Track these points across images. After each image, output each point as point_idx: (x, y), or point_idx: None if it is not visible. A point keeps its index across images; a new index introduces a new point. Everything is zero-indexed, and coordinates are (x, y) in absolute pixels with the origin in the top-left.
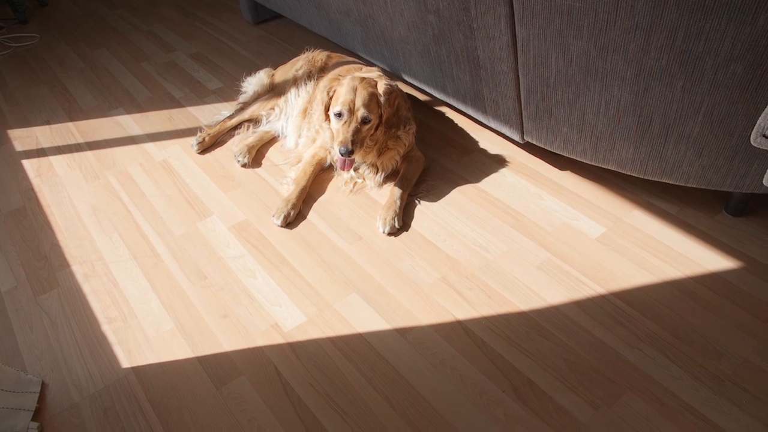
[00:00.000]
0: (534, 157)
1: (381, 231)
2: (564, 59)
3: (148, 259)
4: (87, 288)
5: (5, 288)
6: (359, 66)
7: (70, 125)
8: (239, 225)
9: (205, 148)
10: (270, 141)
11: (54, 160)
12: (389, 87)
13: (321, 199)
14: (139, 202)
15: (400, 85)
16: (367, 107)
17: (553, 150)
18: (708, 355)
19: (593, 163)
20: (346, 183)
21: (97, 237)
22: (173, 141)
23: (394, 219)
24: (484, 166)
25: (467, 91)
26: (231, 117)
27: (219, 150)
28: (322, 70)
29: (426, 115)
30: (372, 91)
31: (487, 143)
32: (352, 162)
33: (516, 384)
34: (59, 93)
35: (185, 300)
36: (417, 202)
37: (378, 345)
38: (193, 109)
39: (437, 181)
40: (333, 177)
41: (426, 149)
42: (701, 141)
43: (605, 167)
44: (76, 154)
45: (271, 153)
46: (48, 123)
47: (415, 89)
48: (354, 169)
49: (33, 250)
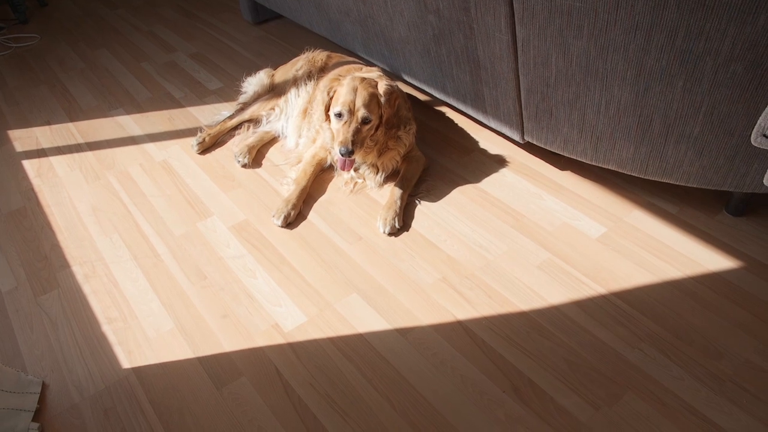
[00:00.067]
0: (534, 157)
1: (381, 231)
2: (564, 59)
3: (148, 260)
4: (87, 288)
5: (5, 288)
6: (359, 66)
7: (70, 125)
8: (239, 225)
9: (206, 148)
10: (270, 141)
11: (54, 160)
12: (389, 87)
13: (321, 200)
14: (140, 202)
15: (400, 85)
16: (368, 107)
17: (554, 150)
18: (709, 355)
19: (593, 163)
20: (346, 183)
21: (98, 237)
22: (173, 141)
23: (394, 219)
24: (484, 166)
25: (467, 91)
26: (231, 117)
27: (219, 150)
28: (322, 70)
29: (426, 115)
30: (372, 92)
31: (488, 143)
32: (352, 162)
33: (517, 384)
34: (59, 93)
35: (185, 300)
36: (417, 202)
37: (378, 345)
38: (193, 110)
39: (437, 181)
40: (333, 177)
41: (426, 149)
42: (702, 141)
43: (605, 167)
44: (76, 154)
45: (272, 153)
46: (48, 123)
47: (415, 89)
48: (354, 170)
49: (33, 250)
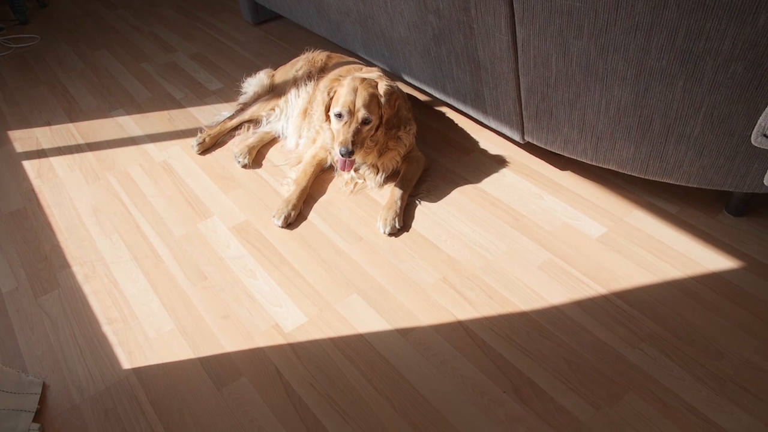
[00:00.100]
0: (534, 158)
1: (382, 231)
2: (564, 59)
3: (148, 260)
4: (87, 289)
5: (6, 289)
6: (359, 66)
7: (70, 126)
8: (240, 226)
9: (206, 148)
10: (270, 142)
11: (54, 161)
12: (390, 88)
13: (321, 200)
14: (140, 202)
15: (400, 86)
16: (368, 108)
17: (554, 150)
18: (709, 355)
19: (594, 163)
20: (346, 183)
21: (98, 238)
22: (173, 142)
23: (394, 219)
24: (484, 166)
25: (467, 92)
26: (231, 118)
27: (219, 151)
28: (322, 70)
29: (426, 116)
30: (372, 92)
31: (488, 143)
32: (352, 162)
33: (517, 384)
34: (59, 94)
35: (186, 301)
36: (417, 202)
37: (379, 345)
38: (194, 110)
39: (438, 182)
40: (333, 177)
41: (426, 149)
42: (702, 141)
43: (606, 167)
44: (76, 155)
45: (272, 154)
46: (48, 124)
47: (416, 89)
48: (354, 170)
49: (34, 251)
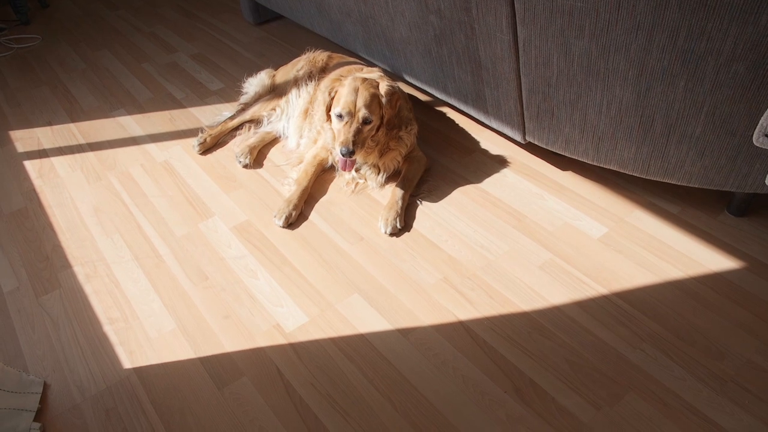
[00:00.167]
0: (535, 158)
1: (383, 231)
2: (565, 59)
3: (149, 260)
4: (89, 289)
5: (7, 289)
6: (360, 66)
7: (71, 126)
8: (241, 226)
9: (207, 148)
10: (271, 142)
11: (55, 161)
12: (391, 88)
13: (323, 200)
14: (141, 202)
15: (401, 86)
16: (369, 108)
17: (555, 150)
18: (710, 356)
19: (595, 164)
20: (347, 183)
21: (99, 238)
22: (175, 142)
23: (395, 219)
24: (485, 166)
25: (469, 92)
26: (232, 118)
27: (220, 151)
28: (323, 70)
29: (427, 116)
30: (373, 92)
31: (489, 143)
32: (353, 162)
33: (518, 384)
34: (61, 94)
35: (187, 301)
36: (418, 202)
37: (380, 345)
38: (195, 110)
39: (439, 182)
40: (334, 178)
41: (427, 150)
42: (703, 141)
43: (607, 167)
44: (77, 155)
45: (273, 154)
46: (49, 124)
47: (417, 90)
48: (356, 170)
49: (35, 251)
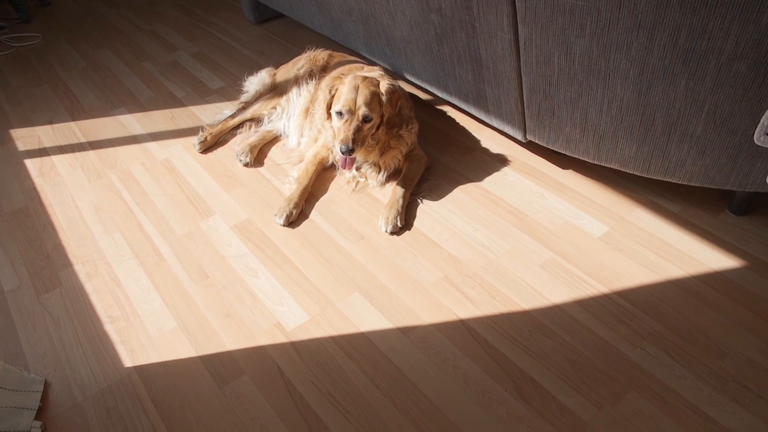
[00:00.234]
0: (536, 156)
1: (383, 230)
2: (566, 58)
3: (150, 259)
4: (89, 287)
5: (8, 287)
6: (361, 65)
7: (72, 125)
8: (241, 224)
9: (207, 147)
10: (272, 140)
11: (56, 159)
12: (391, 86)
13: (323, 199)
14: (142, 201)
15: (402, 85)
16: (369, 106)
17: (556, 149)
18: (711, 354)
19: (596, 162)
20: (348, 182)
21: (100, 236)
22: (175, 140)
23: (396, 218)
24: (486, 165)
25: (469, 90)
26: (233, 116)
27: (221, 149)
28: (323, 69)
29: (428, 114)
30: (374, 90)
31: (490, 142)
32: (353, 160)
33: (519, 383)
34: (61, 92)
35: (188, 299)
36: (419, 201)
37: (380, 344)
38: (195, 109)
39: (439, 180)
40: (335, 176)
41: (428, 148)
42: (704, 139)
43: (608, 166)
44: (78, 153)
45: (273, 152)
46: (50, 123)
47: (418, 88)
48: (356, 168)
49: (35, 249)
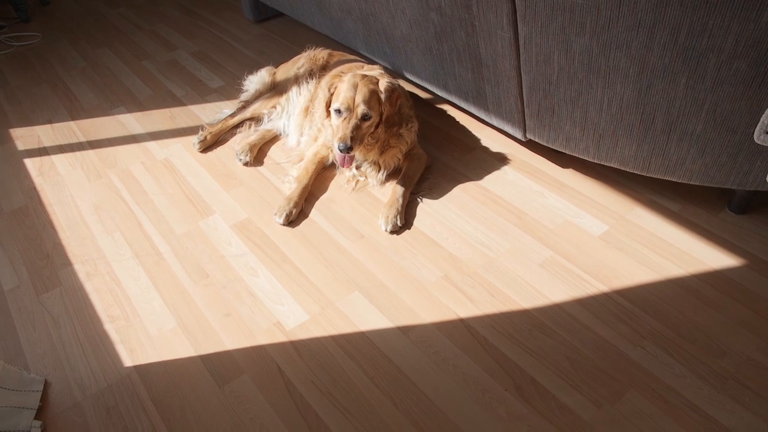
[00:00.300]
0: (536, 155)
1: (383, 229)
2: (566, 57)
3: (150, 258)
4: (89, 287)
5: (8, 287)
6: (361, 64)
7: (71, 124)
8: (241, 223)
9: (207, 146)
10: (272, 139)
11: (56, 159)
12: (391, 85)
13: (323, 198)
14: (141, 200)
15: (401, 83)
16: (368, 104)
17: (556, 148)
18: (711, 353)
19: (596, 161)
20: (348, 181)
21: (99, 236)
22: (175, 139)
23: (396, 217)
24: (486, 164)
25: (469, 89)
26: (233, 115)
27: (221, 148)
28: (323, 68)
29: (428, 113)
30: (373, 89)
31: (489, 141)
32: (351, 158)
33: (519, 382)
34: (61, 92)
35: (187, 299)
36: (419, 200)
37: (380, 343)
38: (195, 108)
39: (439, 179)
40: (335, 175)
41: (428, 147)
42: (704, 138)
43: (608, 165)
44: (78, 152)
45: (273, 151)
46: (50, 122)
47: (417, 87)
48: (356, 167)
49: (35, 249)
